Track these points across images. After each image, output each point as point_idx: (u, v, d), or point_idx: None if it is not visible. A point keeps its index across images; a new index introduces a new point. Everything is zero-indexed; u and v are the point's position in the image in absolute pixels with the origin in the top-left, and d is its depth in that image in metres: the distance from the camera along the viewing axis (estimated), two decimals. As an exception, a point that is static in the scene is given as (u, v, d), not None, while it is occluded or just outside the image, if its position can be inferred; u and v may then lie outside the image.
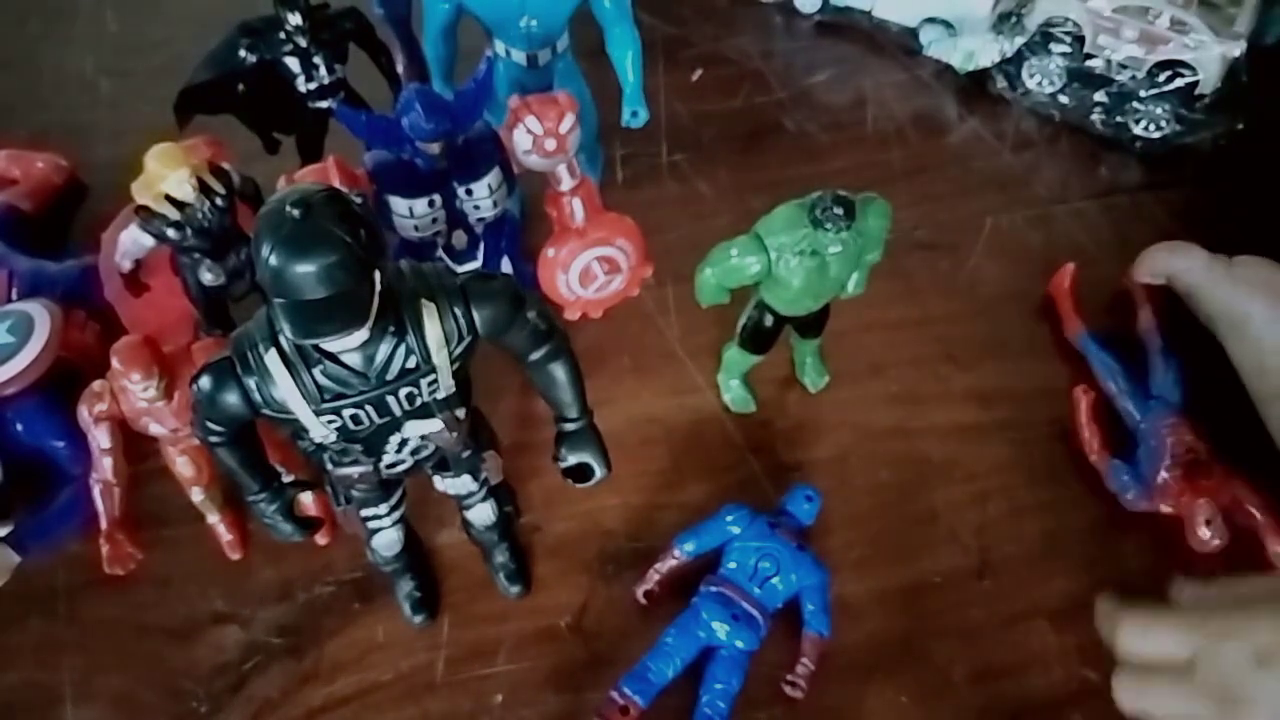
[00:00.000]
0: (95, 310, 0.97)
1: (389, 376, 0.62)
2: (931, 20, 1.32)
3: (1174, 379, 0.93)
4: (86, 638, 0.85)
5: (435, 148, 0.86)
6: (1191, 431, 0.89)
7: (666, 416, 0.99)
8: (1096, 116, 1.23)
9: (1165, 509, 0.87)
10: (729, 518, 0.85)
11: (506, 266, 1.01)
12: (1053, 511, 0.92)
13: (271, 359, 0.59)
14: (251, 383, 0.60)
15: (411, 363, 0.62)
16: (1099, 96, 1.22)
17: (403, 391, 0.63)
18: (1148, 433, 0.90)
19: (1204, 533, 0.84)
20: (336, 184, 0.84)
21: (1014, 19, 1.26)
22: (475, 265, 0.97)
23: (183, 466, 0.86)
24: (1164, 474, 0.86)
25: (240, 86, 0.97)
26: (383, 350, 0.61)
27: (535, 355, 0.68)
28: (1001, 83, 1.28)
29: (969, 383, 1.01)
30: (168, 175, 0.83)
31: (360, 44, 1.01)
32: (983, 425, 0.98)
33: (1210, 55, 1.16)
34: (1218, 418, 0.89)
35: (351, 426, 0.64)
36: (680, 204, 1.17)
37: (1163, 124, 1.20)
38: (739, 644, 0.79)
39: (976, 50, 1.28)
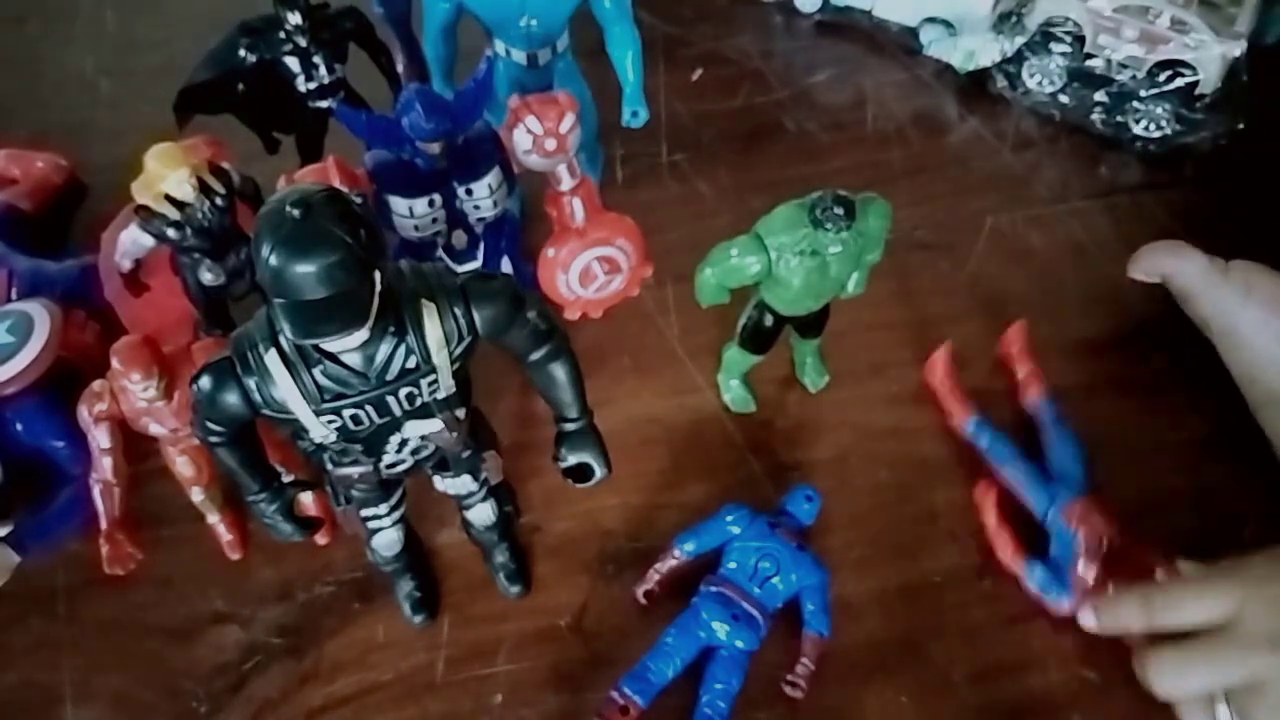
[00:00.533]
0: (95, 310, 0.97)
1: (389, 376, 0.62)
2: (931, 20, 1.32)
3: (1072, 455, 0.88)
4: (86, 638, 0.85)
5: (435, 148, 0.86)
6: (1098, 512, 0.84)
7: (666, 416, 0.99)
8: (1096, 116, 1.23)
9: None
10: (729, 518, 0.85)
11: (506, 266, 1.01)
12: (1053, 511, 0.91)
13: (271, 359, 0.59)
14: (251, 383, 0.60)
15: (411, 363, 0.62)
16: (1099, 96, 1.22)
17: (403, 391, 0.63)
18: (1054, 524, 0.85)
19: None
20: (336, 184, 0.84)
21: (1014, 19, 1.26)
22: (475, 265, 0.97)
23: (183, 466, 0.86)
24: (1081, 572, 0.82)
25: (240, 86, 0.97)
26: (383, 350, 0.61)
27: (535, 355, 0.68)
28: (1001, 83, 1.28)
29: (969, 382, 1.00)
30: (168, 175, 0.84)
31: (360, 44, 1.01)
32: (983, 425, 0.98)
33: (1210, 55, 1.15)
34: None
35: (351, 426, 0.64)
36: (680, 204, 1.17)
37: (1163, 124, 1.20)
38: (739, 644, 0.79)
39: (976, 50, 1.28)
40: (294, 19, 0.93)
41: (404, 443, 0.68)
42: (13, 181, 1.11)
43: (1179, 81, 1.18)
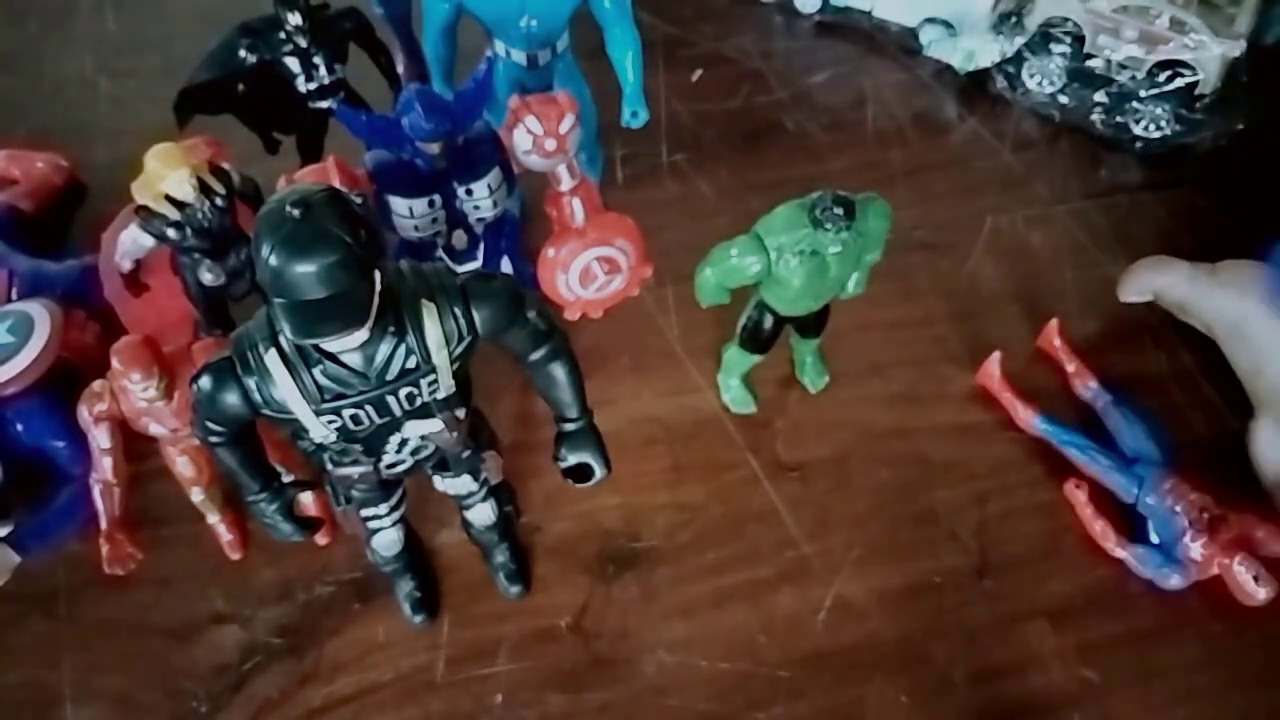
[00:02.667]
0: (95, 310, 0.97)
1: (389, 376, 0.62)
2: (931, 20, 1.32)
3: (1144, 433, 0.91)
4: (86, 638, 0.85)
5: (435, 148, 0.86)
6: (1190, 486, 0.86)
7: (666, 416, 0.99)
8: (1096, 116, 1.23)
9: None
10: None
11: (506, 266, 1.01)
12: (1053, 511, 0.92)
13: (271, 359, 0.59)
14: (251, 383, 0.60)
15: (411, 363, 0.62)
16: (1099, 96, 1.22)
17: (403, 391, 0.63)
18: (1153, 506, 0.87)
19: (1256, 590, 0.81)
20: (336, 184, 0.84)
21: (1014, 19, 1.26)
22: (475, 265, 0.97)
23: (183, 466, 0.86)
24: (1190, 547, 0.83)
25: (240, 86, 0.97)
26: (383, 350, 0.61)
27: (535, 355, 0.68)
28: (1001, 83, 1.28)
29: (969, 383, 1.01)
30: (168, 175, 0.84)
31: (360, 44, 1.01)
32: (983, 425, 0.98)
33: (1210, 55, 1.15)
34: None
35: (351, 426, 0.64)
36: (680, 204, 1.17)
37: (1163, 124, 1.20)
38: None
39: (976, 50, 1.28)
40: (294, 19, 0.93)
41: (404, 443, 0.68)
42: (13, 182, 1.11)
43: (1179, 82, 1.18)
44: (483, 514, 0.81)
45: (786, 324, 0.92)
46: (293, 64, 0.96)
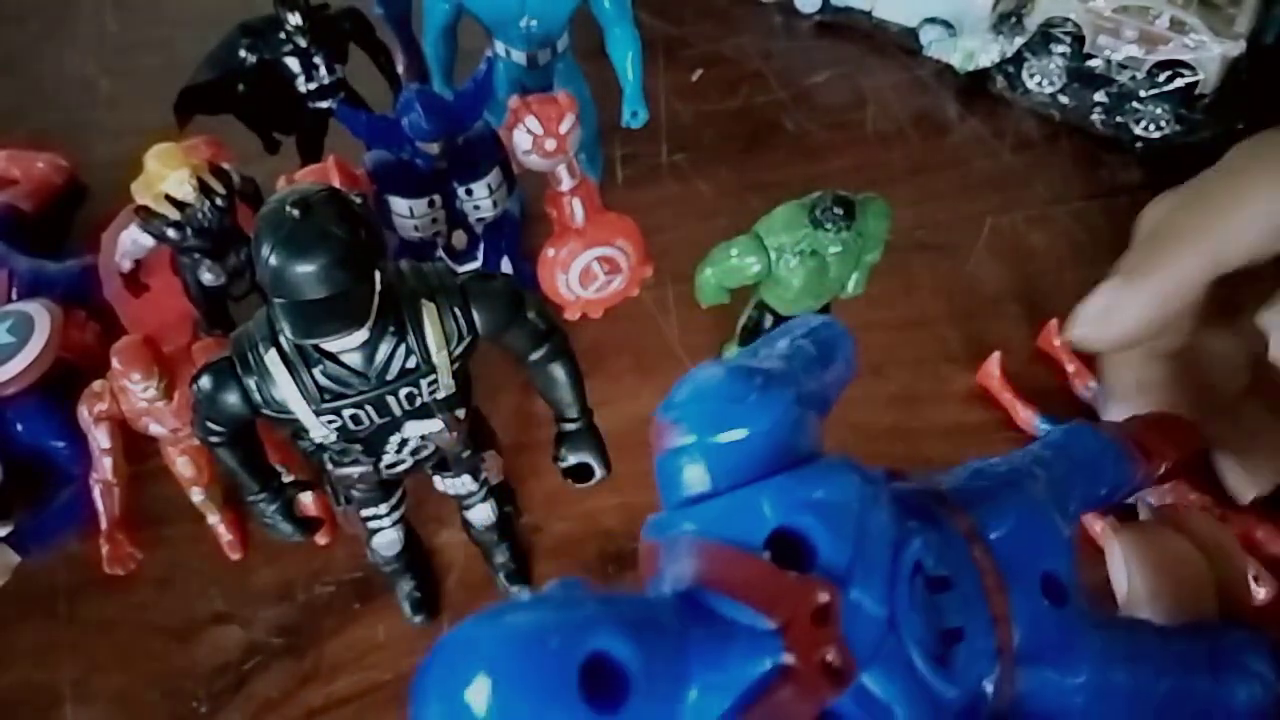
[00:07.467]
0: (95, 310, 0.97)
1: (389, 376, 0.62)
2: (931, 20, 1.32)
3: None
4: (86, 638, 0.85)
5: (435, 148, 0.86)
6: (1190, 486, 0.85)
7: (666, 416, 0.99)
8: (1096, 116, 1.23)
9: None
10: None
11: (506, 266, 1.01)
12: (1053, 511, 0.91)
13: (271, 359, 0.59)
14: (251, 383, 0.60)
15: (411, 363, 0.62)
16: (1099, 96, 1.22)
17: (403, 391, 0.63)
18: (1153, 506, 0.86)
19: (1256, 590, 0.81)
20: (336, 184, 0.84)
21: (1014, 19, 1.26)
22: (475, 265, 0.97)
23: (183, 466, 0.86)
24: None
25: (240, 86, 0.97)
26: (383, 350, 0.61)
27: (535, 355, 0.68)
28: (1001, 83, 1.28)
29: (969, 383, 1.01)
30: (168, 175, 0.84)
31: (360, 44, 1.01)
32: (983, 425, 0.98)
33: (1210, 55, 1.15)
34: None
35: (351, 426, 0.64)
36: (680, 204, 1.17)
37: (1163, 124, 1.20)
38: None
39: (976, 50, 1.28)
40: (294, 19, 0.93)
41: (404, 443, 0.68)
42: (13, 182, 1.11)
43: (1179, 82, 1.18)
44: (483, 514, 0.81)
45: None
46: (293, 64, 0.96)
